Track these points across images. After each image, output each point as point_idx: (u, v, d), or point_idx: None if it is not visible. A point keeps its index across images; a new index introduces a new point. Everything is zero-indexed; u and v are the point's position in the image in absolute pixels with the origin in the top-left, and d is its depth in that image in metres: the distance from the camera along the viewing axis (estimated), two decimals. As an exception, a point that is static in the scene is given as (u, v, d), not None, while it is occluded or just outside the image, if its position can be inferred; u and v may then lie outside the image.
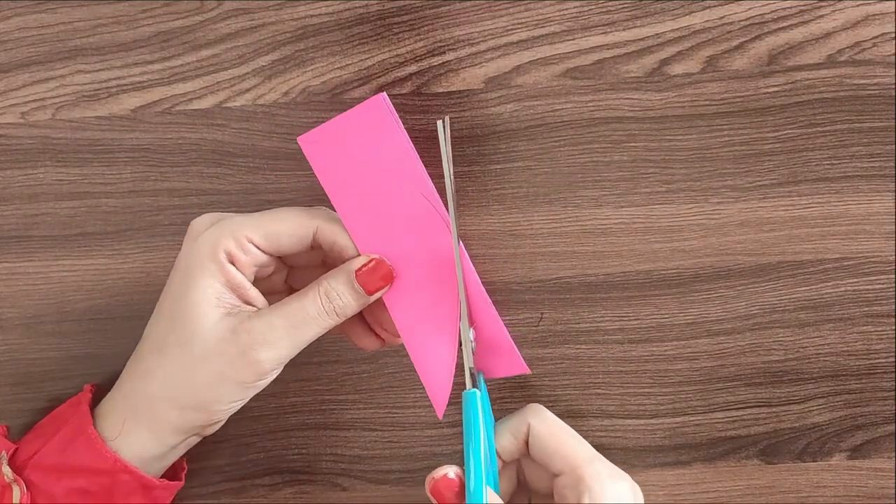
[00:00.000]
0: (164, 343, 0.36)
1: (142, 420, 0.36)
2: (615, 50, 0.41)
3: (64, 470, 0.36)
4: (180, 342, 0.35)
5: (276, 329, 0.35)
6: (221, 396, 0.36)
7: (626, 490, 0.36)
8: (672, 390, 0.43)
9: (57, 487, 0.36)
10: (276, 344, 0.35)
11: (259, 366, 0.35)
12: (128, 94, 0.42)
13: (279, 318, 0.35)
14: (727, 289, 0.42)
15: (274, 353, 0.35)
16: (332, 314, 0.36)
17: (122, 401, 0.37)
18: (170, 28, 0.41)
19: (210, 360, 0.35)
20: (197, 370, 0.35)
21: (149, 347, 0.37)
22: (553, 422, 0.38)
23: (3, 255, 0.43)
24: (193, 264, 0.36)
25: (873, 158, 0.41)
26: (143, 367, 0.37)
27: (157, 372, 0.36)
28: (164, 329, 0.36)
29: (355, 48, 0.41)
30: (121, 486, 0.37)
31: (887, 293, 0.42)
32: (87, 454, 0.36)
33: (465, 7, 0.41)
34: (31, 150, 0.42)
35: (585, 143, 0.41)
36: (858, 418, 0.43)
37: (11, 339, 0.43)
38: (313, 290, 0.36)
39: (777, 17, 0.40)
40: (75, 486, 0.36)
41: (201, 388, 0.36)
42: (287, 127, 0.42)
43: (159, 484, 0.38)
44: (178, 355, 0.36)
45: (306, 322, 0.36)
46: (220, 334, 0.35)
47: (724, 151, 0.41)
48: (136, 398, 0.37)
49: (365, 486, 0.44)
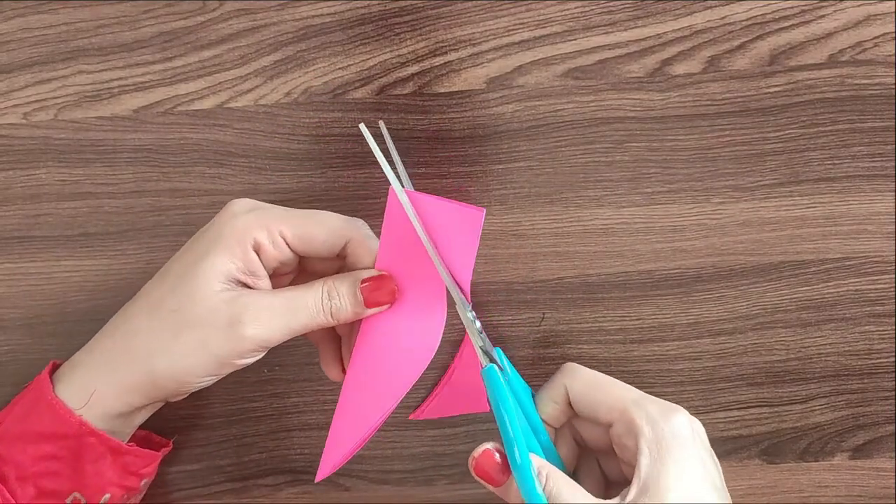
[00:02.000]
0: (158, 305, 0.36)
1: (112, 383, 0.36)
2: (617, 50, 0.41)
3: (29, 438, 0.36)
4: (174, 307, 0.35)
5: (271, 309, 0.35)
6: (196, 368, 0.35)
7: (681, 423, 0.34)
8: (674, 390, 0.43)
9: (24, 456, 0.36)
10: (265, 323, 0.35)
11: (242, 342, 0.35)
12: (130, 95, 0.42)
13: (276, 300, 0.35)
14: (729, 289, 0.42)
15: (260, 332, 0.35)
16: (327, 313, 0.36)
17: (91, 361, 0.37)
18: (172, 28, 0.41)
19: (197, 327, 0.35)
20: (183, 336, 0.35)
21: (141, 307, 0.37)
22: (588, 376, 0.37)
23: (5, 255, 0.43)
24: (218, 239, 0.35)
25: (875, 158, 0.41)
26: (130, 325, 0.36)
27: (142, 334, 0.36)
28: (162, 292, 0.36)
29: (357, 48, 0.41)
30: (88, 450, 0.36)
31: (889, 293, 0.42)
32: (50, 420, 0.36)
33: (467, 7, 0.41)
34: (33, 150, 0.42)
35: (587, 144, 0.41)
36: (860, 418, 0.43)
37: (13, 339, 0.43)
38: (317, 285, 0.36)
39: (778, 17, 0.40)
40: (43, 453, 0.36)
41: (182, 357, 0.35)
42: (289, 127, 0.42)
43: (128, 449, 0.37)
44: (169, 318, 0.35)
45: (301, 311, 0.36)
46: (215, 303, 0.35)
47: (725, 151, 0.41)
48: (112, 359, 0.36)
49: (367, 486, 0.44)
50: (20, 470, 0.36)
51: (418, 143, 0.42)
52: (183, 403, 0.43)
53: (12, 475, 0.36)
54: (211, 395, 0.43)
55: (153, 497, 0.44)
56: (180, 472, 0.44)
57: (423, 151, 0.42)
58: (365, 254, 0.37)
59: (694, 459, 0.34)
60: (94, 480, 0.36)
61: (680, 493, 0.33)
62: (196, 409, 0.44)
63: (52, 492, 0.36)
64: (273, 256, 0.36)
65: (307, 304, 0.36)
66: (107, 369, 0.36)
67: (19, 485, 0.36)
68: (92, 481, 0.36)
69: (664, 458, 0.33)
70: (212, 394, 0.43)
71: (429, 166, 0.42)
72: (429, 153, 0.42)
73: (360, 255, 0.37)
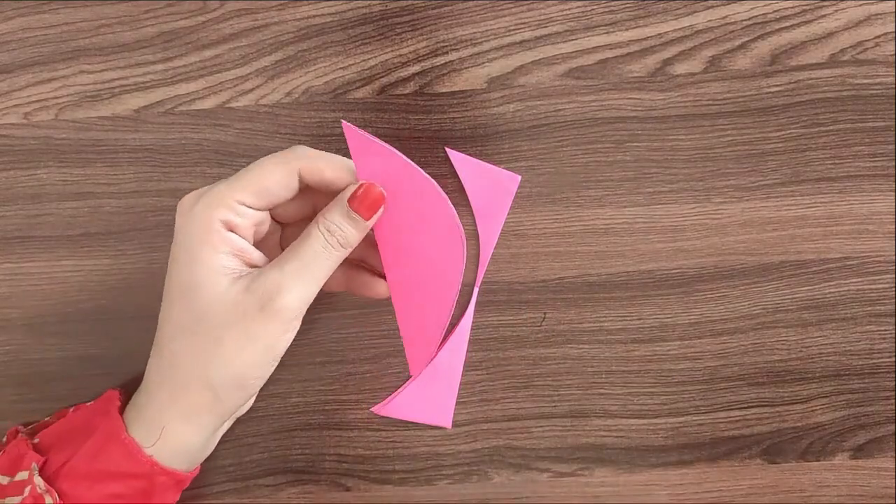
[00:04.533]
0: (182, 325, 0.35)
1: (179, 413, 0.36)
2: (618, 50, 0.41)
3: (97, 477, 0.36)
4: (199, 318, 0.35)
5: (288, 273, 0.35)
6: (250, 361, 0.35)
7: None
8: (675, 390, 0.43)
9: (91, 494, 0.36)
10: (292, 287, 0.35)
11: (283, 313, 0.35)
12: (131, 95, 0.42)
13: (288, 263, 0.35)
14: (730, 288, 0.42)
15: (292, 297, 0.35)
16: (336, 247, 0.36)
17: (155, 394, 0.37)
18: (173, 28, 0.41)
19: (233, 324, 0.35)
20: (224, 339, 0.35)
21: (168, 334, 0.36)
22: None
23: (6, 255, 0.43)
24: (193, 241, 0.35)
25: (876, 158, 0.41)
26: (167, 355, 0.36)
27: (183, 354, 0.35)
28: (178, 311, 0.36)
29: (358, 48, 0.41)
30: (158, 487, 0.36)
31: (890, 293, 0.42)
32: (121, 460, 0.36)
33: (468, 7, 0.41)
34: (34, 150, 0.42)
35: (588, 143, 0.41)
36: (861, 418, 0.43)
37: (14, 339, 0.43)
38: (314, 228, 0.36)
39: (779, 17, 0.40)
40: (111, 492, 0.36)
41: (232, 358, 0.35)
42: (290, 127, 0.42)
43: (190, 476, 0.38)
44: (200, 330, 0.35)
45: (315, 259, 0.35)
46: (234, 297, 0.35)
47: (726, 151, 0.41)
48: (169, 390, 0.36)
49: (368, 486, 0.44)
50: None
51: (419, 143, 0.42)
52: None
53: None
54: (212, 395, 0.43)
55: (154, 497, 0.44)
56: (181, 472, 0.44)
57: (424, 151, 0.42)
58: (324, 171, 0.36)
59: None
60: None
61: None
62: (197, 409, 0.44)
63: None
64: (245, 225, 0.36)
65: (316, 251, 0.36)
66: (169, 403, 0.36)
67: None
68: None
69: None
70: (213, 394, 0.43)
71: (430, 166, 0.42)
72: (430, 153, 0.42)
73: (321, 175, 0.36)
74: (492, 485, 0.44)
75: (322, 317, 0.43)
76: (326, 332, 0.43)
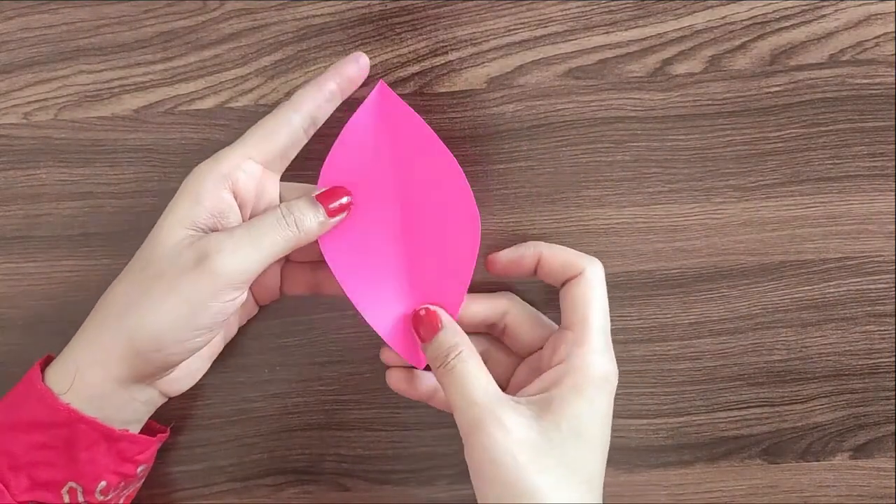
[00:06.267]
0: (129, 268, 0.36)
1: (92, 355, 0.35)
2: (617, 50, 0.41)
3: (20, 428, 0.35)
4: (142, 264, 0.35)
5: (235, 236, 0.35)
6: (173, 319, 0.34)
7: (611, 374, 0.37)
8: (675, 390, 0.43)
9: (16, 446, 0.35)
10: (233, 250, 0.34)
11: (216, 275, 0.34)
12: (130, 95, 0.42)
13: (238, 229, 0.35)
14: (730, 288, 0.42)
15: (229, 263, 0.34)
16: (291, 225, 0.36)
17: (76, 343, 0.36)
18: (172, 28, 0.41)
19: (165, 275, 0.34)
20: (153, 289, 0.34)
21: (119, 277, 0.36)
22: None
23: (5, 255, 0.42)
24: (180, 194, 0.36)
25: (875, 158, 0.41)
26: (107, 296, 0.36)
27: (116, 297, 0.35)
28: (134, 257, 0.36)
29: (357, 48, 0.41)
30: (81, 437, 0.35)
31: (889, 293, 0.42)
32: (38, 409, 0.35)
33: (468, 7, 0.41)
34: (33, 150, 0.42)
35: (588, 143, 0.41)
36: (861, 418, 0.43)
37: (13, 339, 0.43)
38: (274, 207, 0.37)
39: (779, 17, 0.40)
40: (34, 442, 0.35)
41: (153, 309, 0.34)
42: (290, 127, 0.42)
43: (122, 434, 0.36)
44: (139, 277, 0.35)
45: (266, 231, 0.35)
46: (177, 249, 0.34)
47: (726, 151, 0.41)
48: (90, 330, 0.36)
49: (368, 486, 0.44)
50: (12, 460, 0.35)
51: (419, 143, 0.42)
52: (184, 403, 0.43)
53: (4, 465, 0.35)
54: (211, 395, 0.43)
55: (153, 497, 0.44)
56: (181, 472, 0.44)
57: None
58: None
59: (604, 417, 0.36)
60: (88, 468, 0.36)
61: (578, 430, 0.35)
62: (197, 409, 0.43)
63: (47, 482, 0.35)
64: (250, 184, 0.36)
65: (269, 223, 0.36)
66: (87, 346, 0.35)
67: (12, 475, 0.35)
68: (87, 469, 0.36)
69: (581, 387, 0.35)
70: (212, 394, 0.43)
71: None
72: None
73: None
74: (492, 485, 0.44)
75: (322, 317, 0.43)
76: (326, 332, 0.43)
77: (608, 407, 0.36)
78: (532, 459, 0.33)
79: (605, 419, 0.36)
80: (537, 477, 0.33)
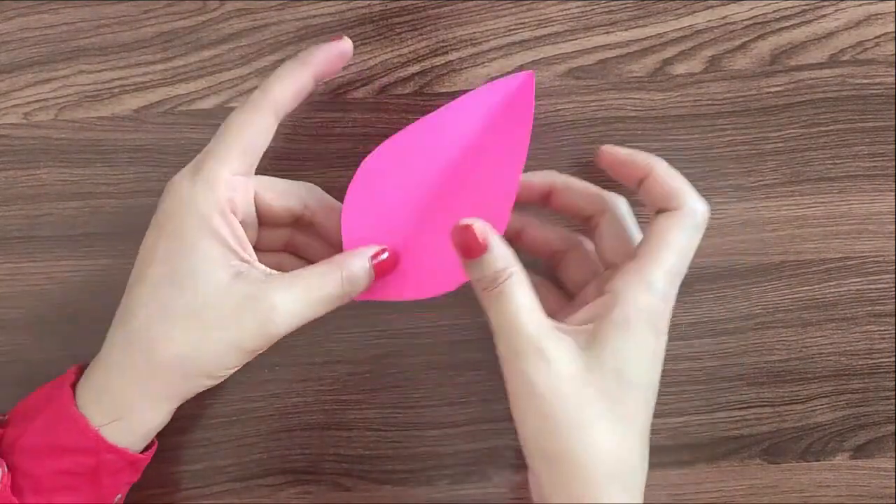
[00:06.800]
0: (171, 311, 0.35)
1: (143, 395, 0.36)
2: (618, 50, 0.41)
3: (46, 452, 0.35)
4: (191, 310, 0.34)
5: (296, 303, 0.35)
6: (230, 362, 0.35)
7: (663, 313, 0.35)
8: (675, 390, 0.43)
9: (40, 469, 0.35)
10: (294, 317, 0.35)
11: (274, 337, 0.35)
12: (130, 95, 0.42)
13: (300, 292, 0.35)
14: (730, 288, 0.42)
15: (289, 326, 0.35)
16: (347, 297, 0.36)
17: (119, 372, 0.36)
18: (172, 28, 0.41)
19: (226, 328, 0.34)
20: (210, 337, 0.35)
21: (150, 314, 0.35)
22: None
23: (5, 255, 0.43)
24: (193, 228, 0.35)
25: (875, 158, 0.41)
26: (145, 335, 0.35)
27: (166, 341, 0.35)
28: (169, 294, 0.35)
29: (357, 48, 0.41)
30: (106, 466, 0.36)
31: (889, 293, 0.42)
32: (69, 435, 0.35)
33: (468, 7, 0.41)
34: (33, 150, 0.42)
35: (588, 143, 0.41)
36: (861, 418, 0.43)
37: (14, 339, 0.43)
38: (336, 272, 0.36)
39: (779, 17, 0.40)
40: (60, 468, 0.35)
41: (212, 357, 0.35)
42: (289, 127, 0.42)
43: (145, 458, 0.37)
44: (190, 324, 0.35)
45: (325, 301, 0.36)
46: (236, 301, 0.34)
47: (726, 151, 0.41)
48: (138, 369, 0.35)
49: (368, 486, 0.44)
50: (35, 482, 0.35)
51: (419, 143, 0.41)
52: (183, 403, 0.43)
53: (28, 488, 0.35)
54: (211, 395, 0.43)
55: (154, 497, 0.44)
56: (181, 472, 0.44)
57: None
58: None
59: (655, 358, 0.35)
60: (110, 490, 0.37)
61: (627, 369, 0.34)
62: (196, 409, 0.43)
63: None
64: (244, 201, 0.37)
65: (330, 294, 0.36)
66: (134, 384, 0.36)
67: (33, 499, 0.35)
68: (109, 491, 0.37)
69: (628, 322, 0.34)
70: (212, 394, 0.43)
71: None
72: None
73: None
74: (492, 485, 0.44)
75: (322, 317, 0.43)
76: (326, 332, 0.43)
77: (656, 346, 0.35)
78: (572, 393, 0.33)
79: (653, 360, 0.35)
80: (575, 413, 0.33)
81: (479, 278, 0.35)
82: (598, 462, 0.33)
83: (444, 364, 0.43)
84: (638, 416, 0.34)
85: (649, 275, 0.34)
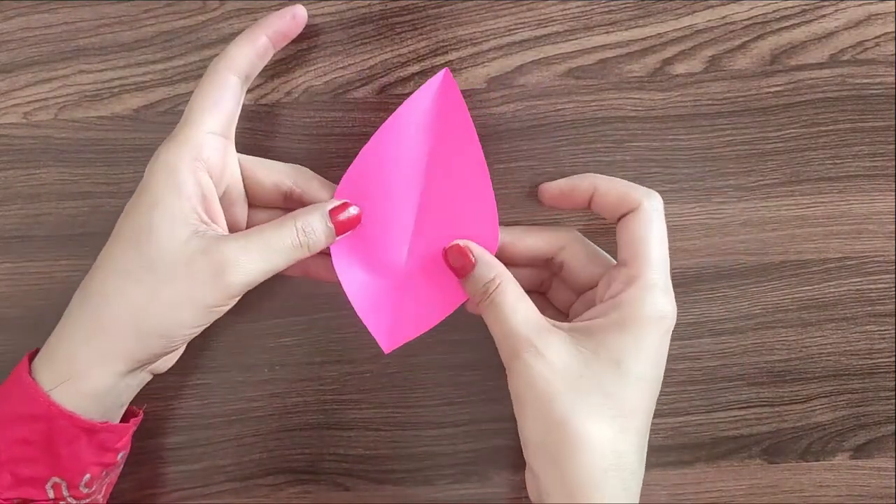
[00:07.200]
0: (126, 266, 0.35)
1: (93, 355, 0.35)
2: (618, 49, 0.41)
3: (4, 421, 0.35)
4: (146, 264, 0.35)
5: (251, 253, 0.35)
6: (185, 320, 0.35)
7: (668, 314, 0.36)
8: (675, 390, 0.43)
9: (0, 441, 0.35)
10: (248, 268, 0.35)
11: (230, 289, 0.35)
12: (130, 94, 0.42)
13: (253, 243, 0.35)
14: (730, 288, 0.42)
15: (244, 277, 0.35)
16: (304, 247, 0.36)
17: (67, 338, 0.36)
18: (172, 28, 0.41)
19: (178, 281, 0.34)
20: (163, 292, 0.34)
21: (106, 272, 0.35)
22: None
23: (5, 254, 0.42)
24: (159, 184, 0.35)
25: (875, 158, 0.41)
26: (95, 295, 0.35)
27: (117, 296, 0.35)
28: (123, 251, 0.35)
29: (358, 48, 0.41)
30: (60, 433, 0.35)
31: (889, 293, 0.42)
32: (21, 401, 0.35)
33: (468, 7, 0.41)
34: (33, 150, 0.42)
35: (588, 143, 0.41)
36: (861, 418, 0.43)
37: (13, 339, 0.43)
38: (289, 222, 0.36)
39: (779, 17, 0.40)
40: (17, 437, 0.35)
41: (166, 311, 0.35)
42: (289, 127, 0.42)
43: (102, 427, 0.36)
44: (143, 277, 0.35)
45: (281, 251, 0.36)
46: (189, 255, 0.35)
47: (726, 151, 0.41)
48: (88, 330, 0.35)
49: (368, 486, 0.44)
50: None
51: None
52: (183, 403, 0.43)
53: None
54: (211, 395, 0.43)
55: (154, 497, 0.44)
56: (180, 472, 0.44)
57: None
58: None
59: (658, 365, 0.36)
60: (71, 463, 0.36)
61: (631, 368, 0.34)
62: (196, 409, 0.43)
63: (30, 478, 0.35)
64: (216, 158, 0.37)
65: (284, 244, 0.36)
66: (85, 343, 0.35)
67: None
68: (69, 464, 0.35)
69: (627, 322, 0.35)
70: (212, 394, 0.43)
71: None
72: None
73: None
74: (492, 485, 0.44)
75: (322, 317, 0.43)
76: (326, 332, 0.43)
77: (659, 345, 0.35)
78: (567, 386, 0.34)
79: (654, 357, 0.35)
80: (570, 405, 0.33)
81: (472, 293, 0.37)
82: (596, 456, 0.33)
83: (444, 364, 0.43)
84: (638, 410, 0.35)
85: (644, 276, 0.35)
